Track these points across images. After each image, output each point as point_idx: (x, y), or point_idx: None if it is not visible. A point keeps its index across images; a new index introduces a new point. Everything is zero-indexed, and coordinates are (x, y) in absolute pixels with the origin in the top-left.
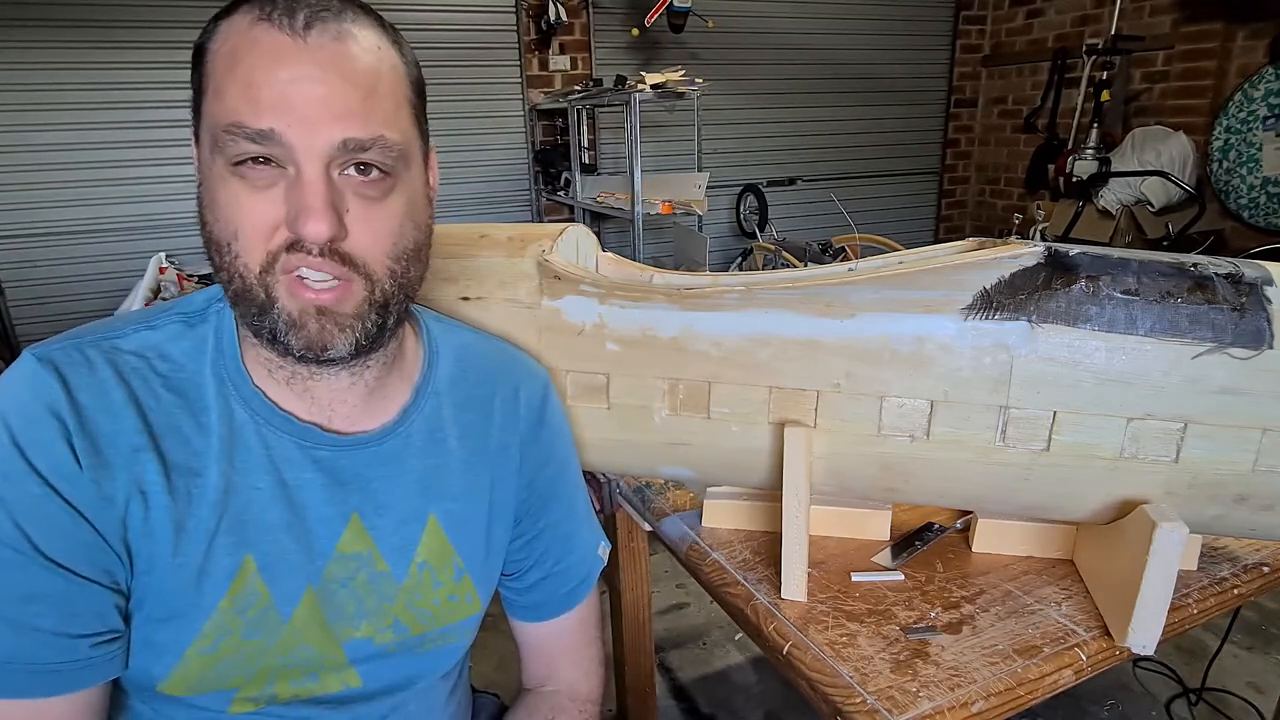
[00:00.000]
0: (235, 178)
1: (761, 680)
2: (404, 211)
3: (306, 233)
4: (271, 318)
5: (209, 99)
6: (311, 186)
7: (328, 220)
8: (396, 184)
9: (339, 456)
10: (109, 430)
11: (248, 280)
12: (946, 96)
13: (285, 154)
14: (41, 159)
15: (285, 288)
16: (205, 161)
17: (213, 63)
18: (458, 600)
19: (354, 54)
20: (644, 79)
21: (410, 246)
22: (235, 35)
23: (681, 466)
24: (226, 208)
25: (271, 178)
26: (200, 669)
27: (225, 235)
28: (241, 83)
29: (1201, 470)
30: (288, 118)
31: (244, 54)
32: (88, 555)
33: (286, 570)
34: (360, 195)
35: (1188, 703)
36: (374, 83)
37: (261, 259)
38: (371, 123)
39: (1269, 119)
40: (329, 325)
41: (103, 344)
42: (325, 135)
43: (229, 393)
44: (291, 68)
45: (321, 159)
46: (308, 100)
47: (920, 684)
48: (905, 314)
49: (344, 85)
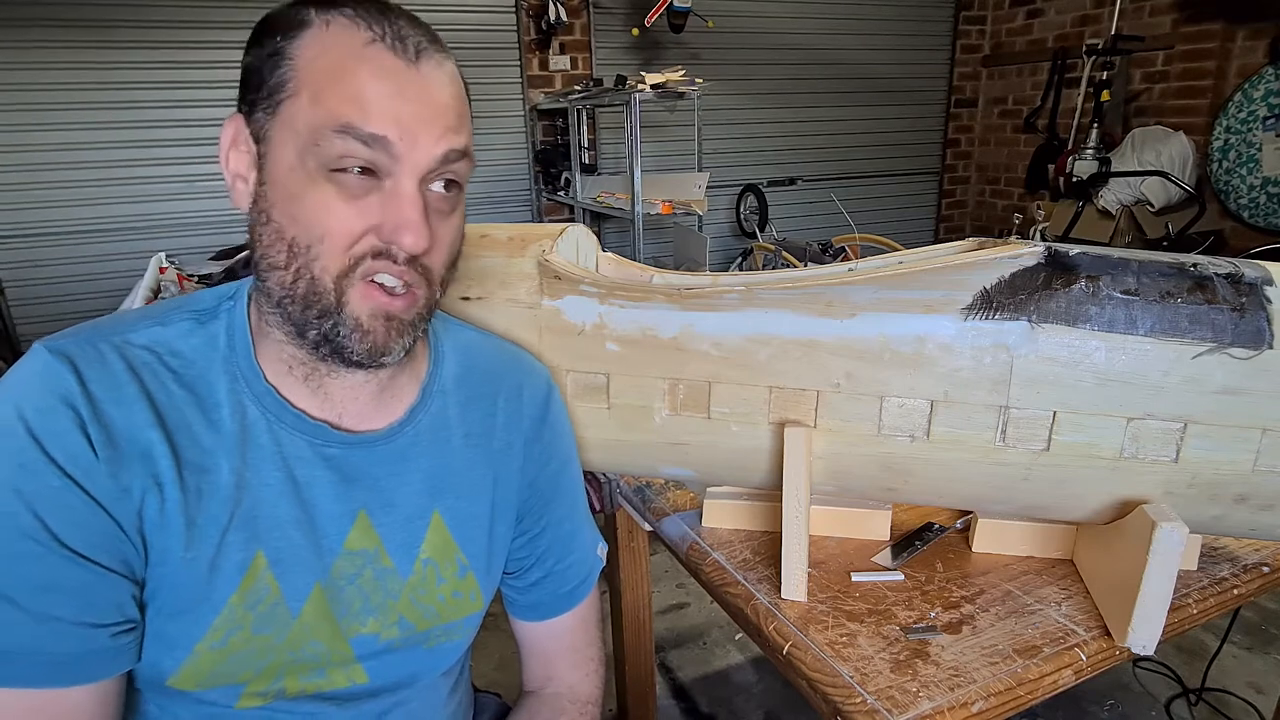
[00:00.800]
0: (328, 182)
1: (761, 680)
2: (460, 224)
3: (405, 244)
4: (336, 320)
5: (302, 101)
6: (411, 200)
7: (424, 233)
8: (460, 198)
9: (349, 454)
10: (123, 422)
11: (321, 283)
12: (946, 96)
13: (389, 164)
14: (41, 159)
15: (360, 292)
16: (283, 160)
17: (305, 67)
18: (461, 597)
19: (448, 82)
20: (644, 79)
21: (457, 255)
22: (340, 49)
23: (681, 466)
24: (314, 210)
25: (367, 187)
26: (210, 664)
27: (306, 237)
28: (352, 93)
29: (1201, 470)
30: (399, 130)
31: (354, 68)
32: (106, 545)
33: (296, 566)
34: (437, 210)
35: (1188, 703)
36: (462, 107)
37: (343, 264)
38: (462, 137)
39: (1269, 119)
40: (394, 331)
41: (114, 338)
42: (429, 150)
43: (241, 390)
44: (404, 89)
45: (419, 173)
46: (417, 118)
47: (920, 684)
48: (905, 314)
49: (446, 109)
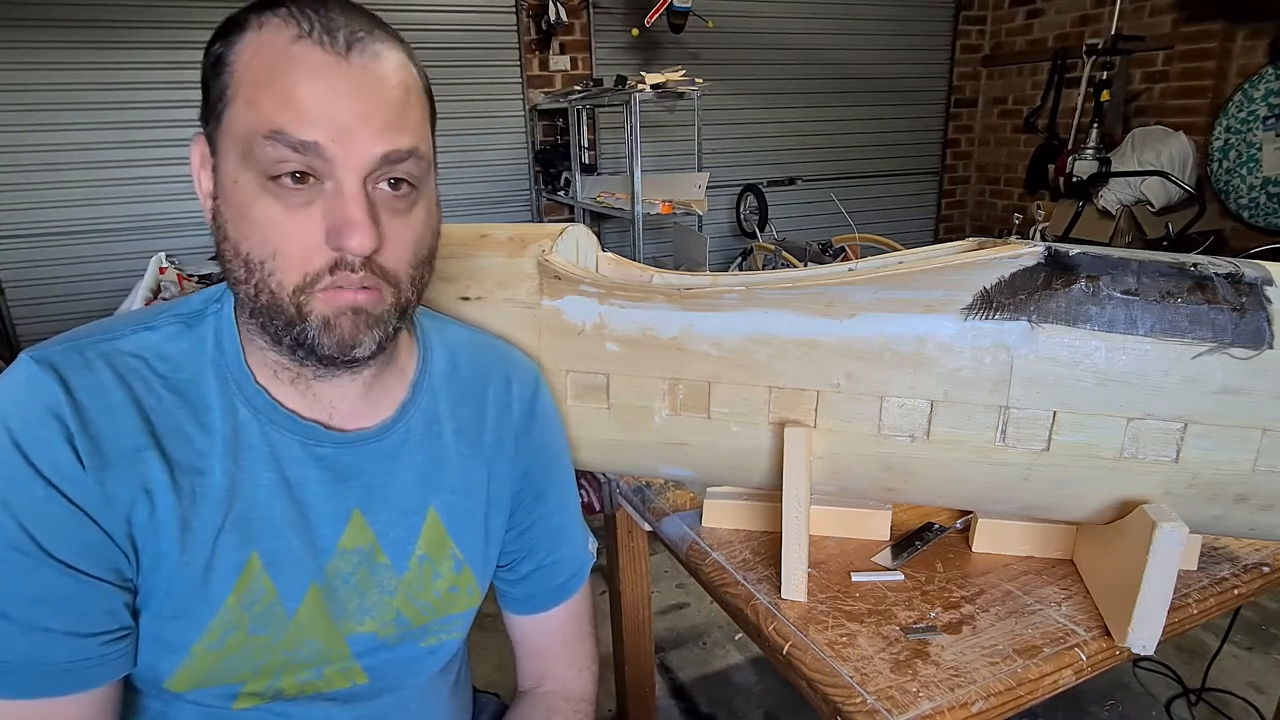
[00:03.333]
0: (271, 196)
1: (761, 680)
2: (424, 220)
3: (351, 246)
4: (301, 328)
5: (237, 107)
6: (354, 200)
7: (371, 233)
8: (420, 195)
9: (340, 453)
10: (110, 431)
11: (279, 297)
12: (946, 96)
13: (325, 168)
14: (41, 159)
15: (322, 299)
16: (230, 173)
17: (241, 73)
18: (458, 592)
19: (388, 73)
20: (644, 79)
21: (426, 254)
22: (270, 50)
23: (681, 466)
24: (262, 226)
25: (309, 196)
26: (207, 665)
27: (260, 254)
28: (282, 95)
29: (1201, 470)
30: (331, 131)
31: (284, 68)
32: (95, 555)
33: (291, 566)
34: (390, 208)
35: (1188, 703)
36: (406, 98)
37: (298, 279)
38: (405, 136)
39: (1269, 119)
40: (361, 324)
41: (101, 345)
42: (367, 149)
43: (232, 392)
44: (335, 84)
45: (361, 173)
46: (351, 116)
47: (920, 684)
48: (905, 314)
49: (383, 103)
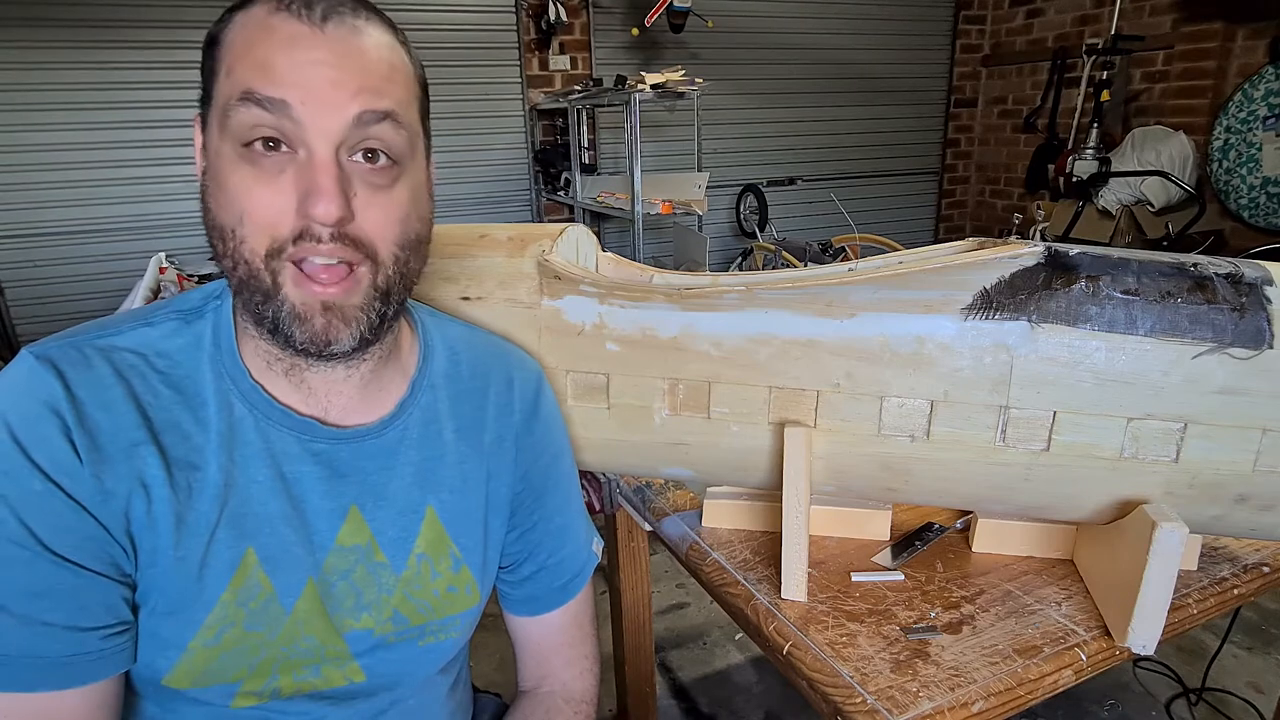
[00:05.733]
0: (245, 163)
1: (761, 680)
2: (409, 201)
3: (317, 213)
4: (275, 305)
5: (220, 80)
6: (322, 167)
7: (337, 201)
8: (402, 174)
9: (338, 449)
10: (108, 426)
11: (253, 265)
12: (946, 96)
13: (296, 132)
14: (41, 159)
15: (291, 279)
16: (213, 146)
17: (227, 48)
18: (457, 592)
19: (368, 46)
20: (644, 79)
21: (413, 238)
22: (251, 23)
23: (681, 466)
24: (233, 192)
25: (281, 164)
26: (204, 661)
27: (230, 220)
28: (257, 62)
29: (1201, 470)
30: (301, 93)
31: (260, 38)
32: (94, 549)
33: (288, 562)
34: (368, 182)
35: (1188, 703)
36: (388, 73)
37: (267, 245)
38: (384, 100)
39: (1269, 119)
40: (335, 320)
41: (99, 342)
42: (340, 115)
43: (227, 387)
44: (308, 52)
45: (333, 140)
46: (323, 81)
47: (920, 684)
48: (905, 314)
49: (359, 71)
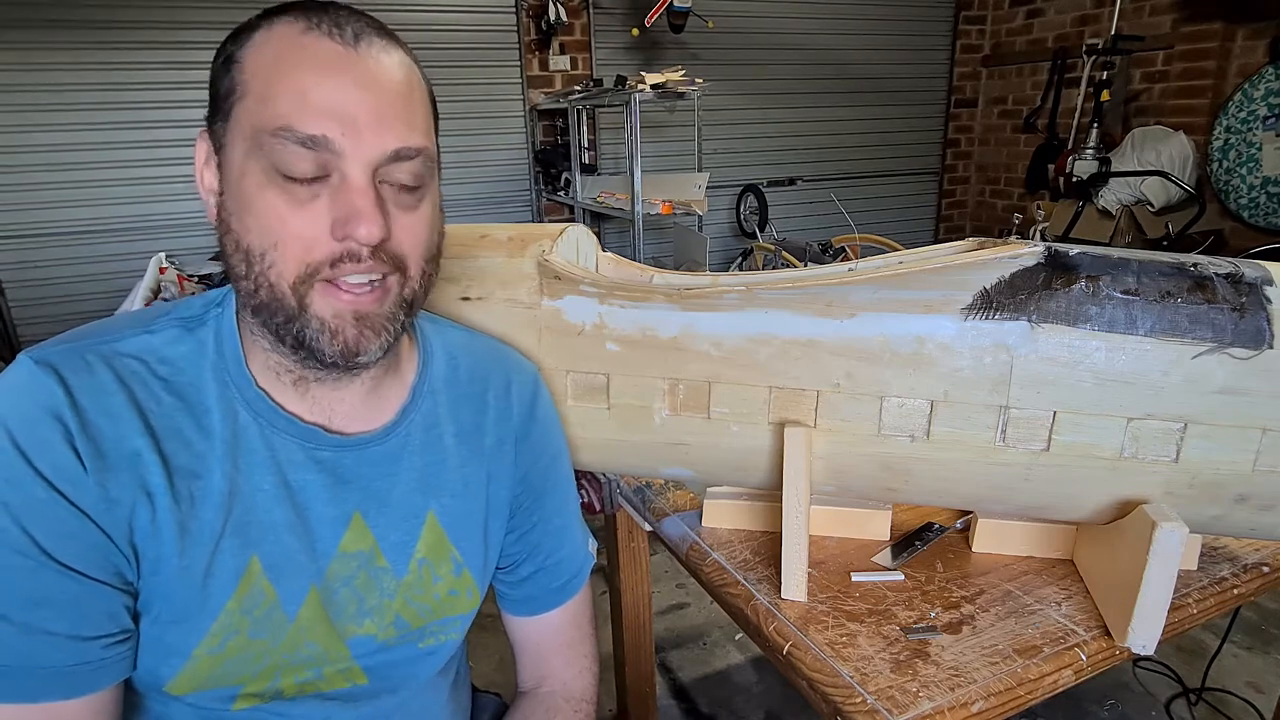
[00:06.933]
0: (275, 188)
1: (761, 680)
2: (431, 217)
3: (359, 234)
4: (301, 324)
5: (248, 103)
6: (362, 191)
7: (379, 223)
8: (426, 193)
9: (341, 457)
10: (111, 433)
11: (279, 289)
12: (946, 96)
13: (333, 161)
14: (41, 159)
15: (319, 291)
16: (236, 166)
17: (251, 69)
18: (457, 595)
19: (395, 68)
20: (644, 79)
21: (435, 250)
22: (279, 42)
23: (681, 466)
24: (265, 218)
25: (315, 190)
26: (208, 668)
27: (260, 245)
28: (292, 88)
29: (1201, 470)
30: (340, 125)
31: (293, 61)
32: (96, 557)
33: (291, 570)
34: (399, 203)
35: (1188, 703)
36: (412, 94)
37: (299, 270)
38: (415, 134)
39: (1269, 119)
40: (366, 330)
41: (101, 347)
42: (378, 143)
43: (232, 395)
44: (344, 75)
45: (370, 165)
46: (360, 108)
47: (920, 684)
48: (905, 314)
49: (392, 96)
